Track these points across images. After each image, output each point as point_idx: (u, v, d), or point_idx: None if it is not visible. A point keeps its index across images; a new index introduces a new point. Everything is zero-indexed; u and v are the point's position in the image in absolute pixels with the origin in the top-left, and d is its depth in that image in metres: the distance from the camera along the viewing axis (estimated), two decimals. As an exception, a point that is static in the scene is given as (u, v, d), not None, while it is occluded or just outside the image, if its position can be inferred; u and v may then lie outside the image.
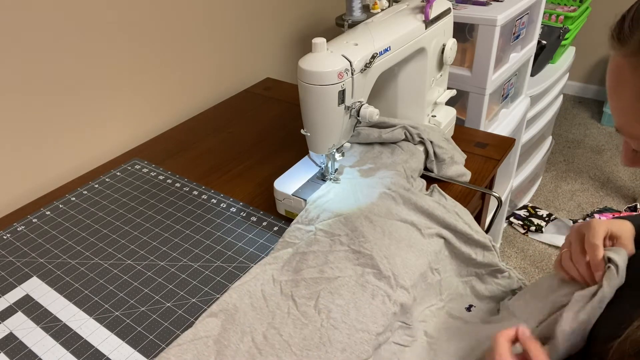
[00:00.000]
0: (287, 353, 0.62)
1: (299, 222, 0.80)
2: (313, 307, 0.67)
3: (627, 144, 0.51)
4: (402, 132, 0.92)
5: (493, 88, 1.39)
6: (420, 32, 0.88)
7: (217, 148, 1.11)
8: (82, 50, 1.00)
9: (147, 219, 0.89)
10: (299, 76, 0.74)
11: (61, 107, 1.00)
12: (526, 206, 2.09)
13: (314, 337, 0.64)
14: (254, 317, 0.66)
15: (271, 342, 0.63)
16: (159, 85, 1.19)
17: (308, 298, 0.68)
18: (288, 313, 0.67)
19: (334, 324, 0.64)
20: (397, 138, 0.93)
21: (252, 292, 0.70)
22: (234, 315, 0.66)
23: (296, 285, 0.70)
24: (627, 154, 0.52)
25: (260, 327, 0.65)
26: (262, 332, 0.65)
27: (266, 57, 1.49)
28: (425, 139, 0.92)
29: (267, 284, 0.71)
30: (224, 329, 0.65)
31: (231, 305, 0.68)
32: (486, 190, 0.91)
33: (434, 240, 0.77)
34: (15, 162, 0.97)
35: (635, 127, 0.47)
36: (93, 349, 0.67)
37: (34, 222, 0.91)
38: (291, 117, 1.20)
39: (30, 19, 0.90)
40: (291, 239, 0.78)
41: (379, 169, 0.88)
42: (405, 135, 0.93)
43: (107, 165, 1.07)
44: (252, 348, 0.63)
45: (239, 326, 0.65)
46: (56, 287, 0.77)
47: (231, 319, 0.66)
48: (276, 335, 0.64)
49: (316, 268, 0.72)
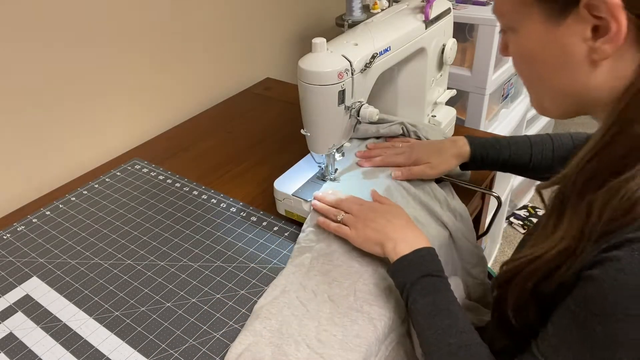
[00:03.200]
0: (349, 351, 0.62)
1: (310, 225, 0.79)
2: (354, 302, 0.67)
3: (503, 37, 0.55)
4: (399, 128, 0.93)
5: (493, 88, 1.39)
6: (420, 32, 0.88)
7: (217, 148, 1.11)
8: (82, 49, 1.00)
9: (147, 219, 0.89)
10: (299, 76, 0.74)
11: (61, 107, 1.00)
12: (526, 206, 2.09)
13: (368, 329, 0.64)
14: (300, 324, 0.65)
15: (328, 343, 0.62)
16: (159, 85, 1.19)
17: (346, 295, 0.68)
18: (331, 313, 0.66)
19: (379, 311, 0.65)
20: (395, 133, 0.93)
21: (289, 302, 0.68)
22: (280, 329, 0.65)
23: (329, 286, 0.69)
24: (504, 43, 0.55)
25: (311, 333, 0.64)
26: (315, 336, 0.64)
27: (266, 57, 1.49)
28: (422, 137, 0.92)
29: (299, 291, 0.70)
30: (277, 345, 0.63)
31: (274, 320, 0.66)
32: (486, 190, 0.91)
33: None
34: (15, 162, 0.97)
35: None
36: (93, 349, 0.67)
37: (34, 222, 0.91)
38: (291, 117, 1.20)
39: (30, 19, 0.90)
40: (307, 243, 0.77)
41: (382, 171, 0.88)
42: (403, 131, 0.94)
43: (107, 165, 1.07)
44: (312, 354, 0.62)
45: (291, 337, 0.64)
46: (56, 287, 0.77)
47: (279, 334, 0.64)
48: (330, 336, 0.63)
49: (344, 266, 0.72)
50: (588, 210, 0.45)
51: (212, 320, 0.69)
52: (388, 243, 0.67)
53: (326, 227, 0.75)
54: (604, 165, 0.45)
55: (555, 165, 0.76)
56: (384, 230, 0.69)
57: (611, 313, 0.41)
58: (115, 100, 1.10)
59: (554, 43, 0.47)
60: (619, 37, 0.42)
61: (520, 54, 0.53)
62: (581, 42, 0.45)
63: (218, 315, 0.70)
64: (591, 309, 0.42)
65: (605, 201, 0.44)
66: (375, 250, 0.69)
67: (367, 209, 0.74)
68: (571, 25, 0.45)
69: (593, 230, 0.44)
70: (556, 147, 0.79)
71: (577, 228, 0.46)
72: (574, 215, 0.47)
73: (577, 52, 0.46)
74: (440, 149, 0.84)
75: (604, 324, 0.41)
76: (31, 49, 0.92)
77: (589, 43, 0.45)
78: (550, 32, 0.47)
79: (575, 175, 0.48)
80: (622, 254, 0.41)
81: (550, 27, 0.47)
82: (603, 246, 0.43)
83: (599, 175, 0.46)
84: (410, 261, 0.64)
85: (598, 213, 0.44)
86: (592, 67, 0.46)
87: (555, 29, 0.46)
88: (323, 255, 0.74)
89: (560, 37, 0.46)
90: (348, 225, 0.73)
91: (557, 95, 0.52)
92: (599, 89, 0.47)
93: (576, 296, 0.45)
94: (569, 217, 0.48)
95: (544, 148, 0.80)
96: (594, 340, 0.42)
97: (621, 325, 0.40)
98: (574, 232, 0.47)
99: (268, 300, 0.69)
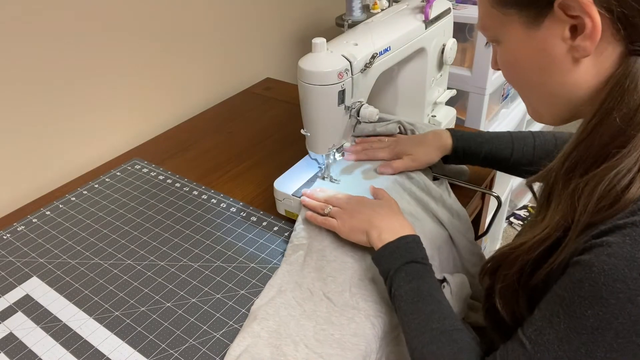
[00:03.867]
0: (348, 350, 0.62)
1: (300, 223, 0.80)
2: (350, 299, 0.67)
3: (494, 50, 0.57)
4: (396, 127, 0.93)
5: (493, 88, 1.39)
6: (420, 32, 0.88)
7: (217, 148, 1.11)
8: (82, 49, 1.00)
9: (147, 219, 0.89)
10: (299, 76, 0.74)
11: (61, 107, 1.00)
12: (526, 206, 2.09)
13: (366, 326, 0.64)
14: (297, 325, 0.65)
15: (326, 343, 0.63)
16: (159, 85, 1.19)
17: (341, 291, 0.68)
18: (328, 312, 0.66)
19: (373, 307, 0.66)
20: (391, 132, 0.94)
21: (286, 303, 0.68)
22: (278, 330, 0.65)
23: (324, 283, 0.70)
24: (493, 58, 0.57)
25: (309, 332, 0.64)
26: (313, 336, 0.64)
27: (266, 57, 1.49)
28: None
29: (295, 291, 0.70)
30: (275, 346, 0.63)
31: (271, 321, 0.66)
32: (486, 190, 0.91)
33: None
34: (15, 162, 0.97)
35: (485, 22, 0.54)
36: (93, 349, 0.67)
37: (34, 222, 0.91)
38: (291, 117, 1.20)
39: (30, 19, 0.90)
40: (299, 241, 0.77)
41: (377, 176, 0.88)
42: (400, 130, 0.94)
43: (107, 165, 1.07)
44: (310, 354, 0.62)
45: (289, 337, 0.64)
46: (56, 287, 0.77)
47: (277, 335, 0.64)
48: (328, 335, 0.63)
49: (337, 261, 0.72)
50: (572, 200, 0.47)
51: (212, 320, 0.69)
52: (373, 231, 0.68)
53: (313, 220, 0.76)
54: (586, 154, 0.47)
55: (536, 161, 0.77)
56: (369, 219, 0.70)
57: (601, 297, 0.41)
58: (115, 100, 1.10)
59: (536, 47, 0.49)
60: (595, 32, 0.44)
61: (507, 63, 0.54)
62: (561, 42, 0.47)
63: (218, 315, 0.70)
64: (580, 293, 0.43)
65: (590, 190, 0.45)
66: (361, 239, 0.70)
67: (354, 201, 0.75)
68: (549, 27, 0.47)
69: (579, 220, 0.45)
70: (537, 144, 0.80)
71: (562, 216, 0.47)
72: (557, 205, 0.49)
73: (559, 52, 0.47)
74: (423, 141, 0.86)
75: (594, 307, 0.42)
76: (31, 49, 0.92)
77: (568, 42, 0.46)
78: (531, 37, 0.49)
79: (560, 165, 0.49)
80: (613, 239, 0.41)
81: (531, 32, 0.49)
82: (592, 233, 0.44)
83: (581, 165, 0.47)
84: (394, 248, 0.65)
85: (584, 202, 0.45)
86: (575, 65, 0.47)
87: (534, 33, 0.48)
88: (316, 252, 0.74)
89: (541, 40, 0.48)
90: (335, 217, 0.74)
91: (548, 99, 0.53)
92: (585, 87, 0.48)
93: (564, 281, 0.45)
94: (554, 206, 0.49)
95: (525, 144, 0.81)
96: (582, 325, 0.43)
97: (611, 309, 0.41)
98: (557, 221, 0.48)
99: (265, 301, 0.69)
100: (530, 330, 0.47)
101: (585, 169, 0.46)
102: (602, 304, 0.41)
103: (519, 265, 0.51)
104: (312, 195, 0.79)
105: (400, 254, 0.64)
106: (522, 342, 0.47)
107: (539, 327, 0.46)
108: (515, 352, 0.48)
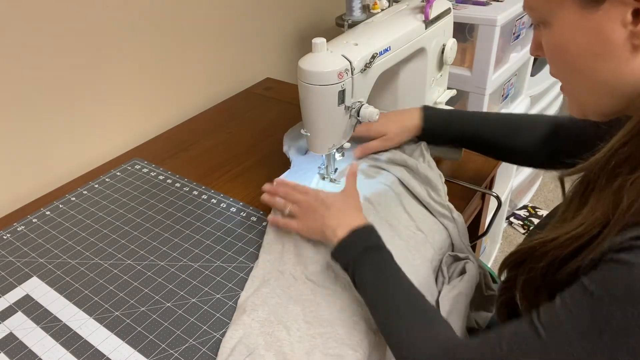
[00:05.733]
0: (338, 326, 0.63)
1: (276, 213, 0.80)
2: (330, 275, 0.69)
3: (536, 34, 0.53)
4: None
5: (493, 88, 1.39)
6: (420, 32, 0.88)
7: (217, 148, 1.11)
8: (82, 50, 1.00)
9: (147, 219, 0.89)
10: (299, 76, 0.74)
11: (61, 107, 1.00)
12: (526, 206, 2.09)
13: (352, 302, 0.66)
14: (286, 311, 0.67)
15: (317, 322, 0.64)
16: (159, 85, 1.19)
17: (321, 271, 0.70)
18: (314, 294, 0.68)
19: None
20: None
21: (272, 292, 0.70)
22: (268, 318, 0.66)
23: (304, 266, 0.71)
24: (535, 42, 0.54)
25: (299, 317, 0.66)
26: (303, 319, 0.65)
27: (266, 57, 1.49)
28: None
29: (279, 279, 0.71)
30: (268, 334, 0.64)
31: (260, 311, 0.67)
32: (486, 190, 0.91)
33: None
34: (15, 162, 0.97)
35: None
36: (93, 349, 0.67)
37: (34, 222, 0.91)
38: (291, 117, 1.20)
39: (30, 19, 0.90)
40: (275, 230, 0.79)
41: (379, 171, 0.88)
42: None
43: (107, 165, 1.07)
44: (304, 336, 0.63)
45: (281, 323, 0.65)
46: (56, 287, 0.77)
47: (268, 323, 0.66)
48: (317, 316, 0.65)
49: (311, 241, 0.74)
50: (616, 197, 0.43)
51: (212, 320, 0.69)
52: (327, 230, 0.68)
53: (276, 224, 0.77)
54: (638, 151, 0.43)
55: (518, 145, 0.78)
56: (322, 219, 0.70)
57: (635, 298, 0.39)
58: (115, 101, 1.10)
59: (592, 31, 0.45)
60: None
61: (556, 49, 0.50)
62: (621, 27, 0.43)
63: (218, 315, 0.70)
64: (612, 291, 0.40)
65: (637, 189, 0.41)
66: (319, 239, 0.72)
67: (311, 197, 0.75)
68: (609, 10, 0.43)
69: (619, 219, 0.42)
70: (517, 127, 0.79)
71: (602, 213, 0.44)
72: (598, 202, 0.45)
73: (617, 38, 0.43)
74: (397, 121, 0.88)
75: (625, 308, 0.39)
76: (31, 49, 0.92)
77: (629, 27, 0.42)
78: (587, 20, 0.45)
79: (606, 160, 0.45)
80: None
81: (586, 14, 0.44)
82: (632, 234, 0.41)
83: (631, 160, 0.43)
84: (349, 242, 0.66)
85: (628, 202, 0.42)
86: (634, 54, 0.44)
87: (591, 15, 0.44)
88: (291, 238, 0.76)
89: (598, 23, 0.44)
90: (295, 216, 0.75)
91: (599, 89, 0.48)
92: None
93: (596, 276, 0.42)
94: (593, 203, 0.46)
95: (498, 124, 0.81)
96: (607, 324, 0.40)
97: None
98: (596, 217, 0.44)
99: (250, 293, 0.70)
100: (547, 319, 0.45)
101: (635, 166, 0.43)
102: (635, 306, 0.39)
103: (548, 260, 0.48)
104: (273, 189, 0.79)
105: (356, 245, 0.65)
106: (535, 328, 0.45)
107: (558, 317, 0.44)
108: (527, 337, 0.46)
